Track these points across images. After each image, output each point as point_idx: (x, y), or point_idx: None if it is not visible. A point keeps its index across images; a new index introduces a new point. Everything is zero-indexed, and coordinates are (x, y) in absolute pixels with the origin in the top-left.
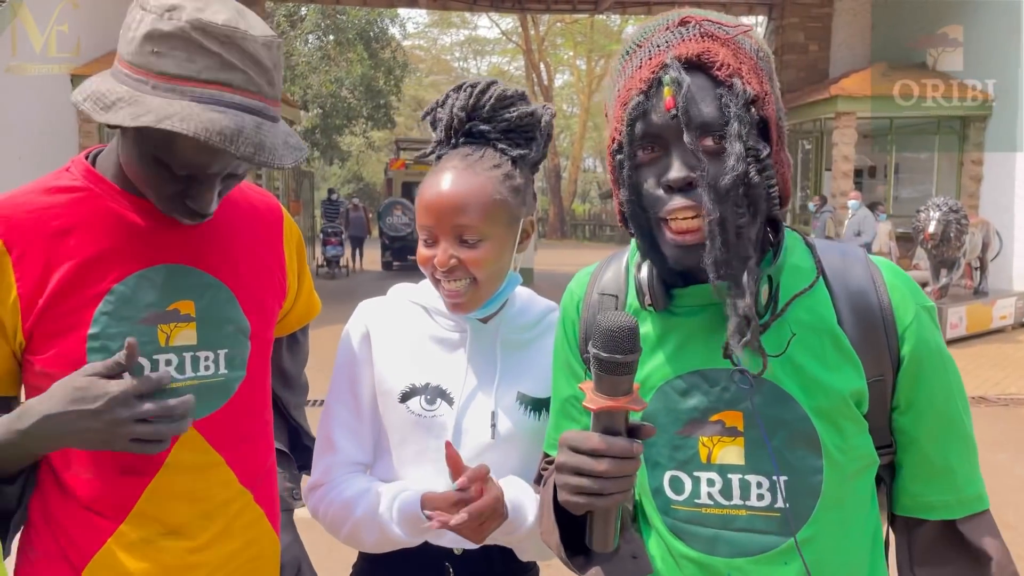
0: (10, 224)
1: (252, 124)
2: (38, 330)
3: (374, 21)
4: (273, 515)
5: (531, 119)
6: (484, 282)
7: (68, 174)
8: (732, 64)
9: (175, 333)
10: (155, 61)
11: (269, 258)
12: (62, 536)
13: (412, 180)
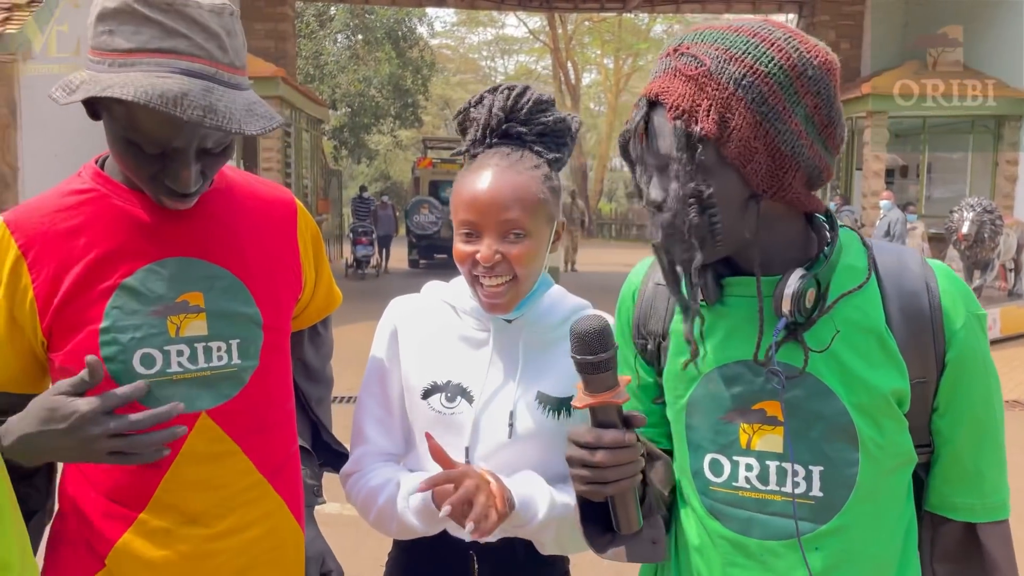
0: (25, 230)
1: (200, 88)
2: (55, 328)
3: (402, 20)
4: (295, 506)
5: (564, 125)
6: (523, 280)
7: (79, 178)
8: (685, 104)
9: (185, 324)
10: (108, 40)
11: (282, 250)
12: (86, 525)
13: (439, 179)
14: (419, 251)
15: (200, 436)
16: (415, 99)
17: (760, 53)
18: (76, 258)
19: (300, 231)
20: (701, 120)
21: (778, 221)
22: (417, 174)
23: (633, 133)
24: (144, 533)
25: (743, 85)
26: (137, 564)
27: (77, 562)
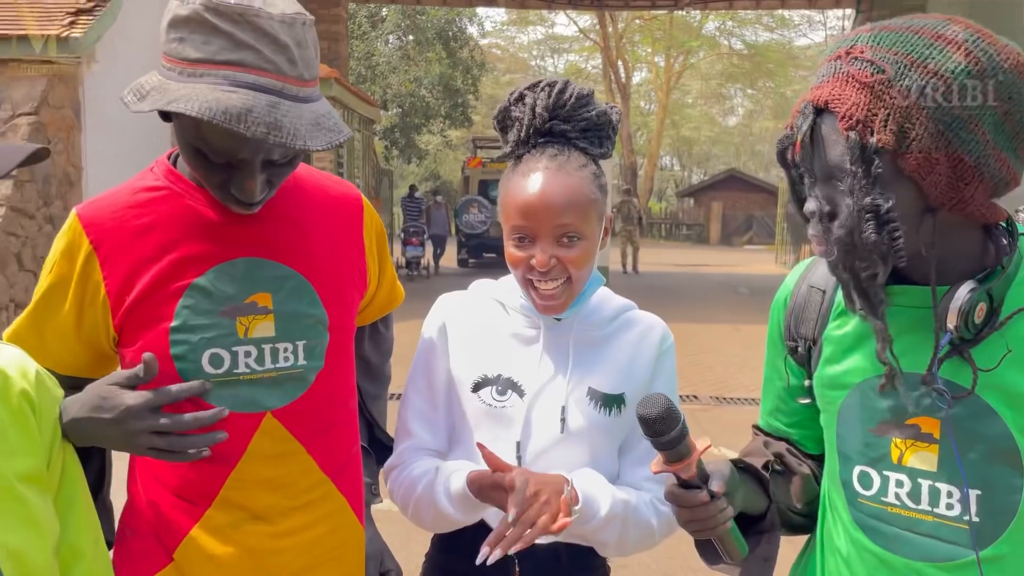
0: (97, 226)
1: (265, 103)
2: (127, 325)
3: (453, 21)
4: (357, 505)
5: (606, 118)
6: (577, 281)
7: (151, 174)
8: (860, 114)
9: (253, 325)
10: (179, 48)
11: (349, 248)
12: (155, 519)
13: (488, 178)
14: (468, 250)
15: (266, 436)
16: (465, 99)
17: (944, 57)
18: (148, 256)
19: (366, 228)
20: (878, 131)
21: (954, 232)
22: (467, 173)
23: (794, 141)
24: (210, 529)
25: (925, 94)
26: (204, 559)
27: (146, 555)
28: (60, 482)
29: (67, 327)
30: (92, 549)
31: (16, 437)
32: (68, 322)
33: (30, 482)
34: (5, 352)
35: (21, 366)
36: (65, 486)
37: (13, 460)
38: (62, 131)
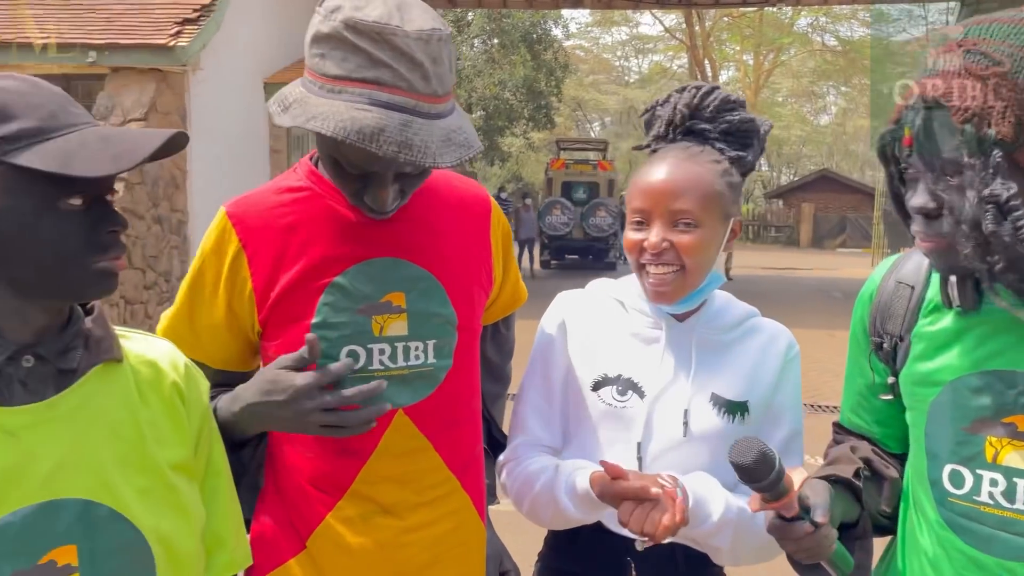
0: (245, 224)
1: (397, 122)
2: (271, 320)
3: (537, 23)
4: (479, 504)
5: (751, 125)
6: (691, 271)
7: (294, 175)
8: (976, 106)
9: (388, 324)
10: (320, 63)
11: (477, 248)
12: (290, 507)
13: (572, 180)
14: (551, 252)
15: (396, 432)
16: (548, 101)
17: None
18: (292, 254)
19: (493, 228)
20: (996, 123)
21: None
22: (550, 175)
23: (900, 137)
24: (342, 519)
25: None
26: (336, 548)
27: (281, 541)
28: (206, 471)
29: (218, 321)
30: (234, 537)
31: (167, 427)
32: (219, 316)
33: (179, 470)
34: (157, 345)
35: (172, 359)
36: (210, 476)
37: (165, 449)
38: None
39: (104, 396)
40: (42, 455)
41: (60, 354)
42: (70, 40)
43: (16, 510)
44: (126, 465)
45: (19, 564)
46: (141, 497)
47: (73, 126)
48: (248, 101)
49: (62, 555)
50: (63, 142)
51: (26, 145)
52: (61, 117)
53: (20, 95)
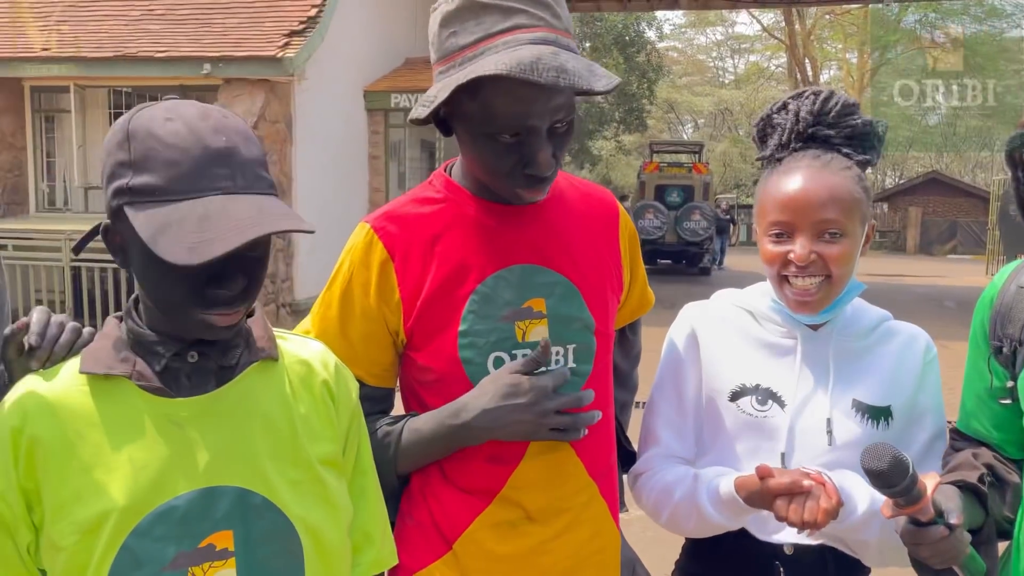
0: (390, 234)
1: (548, 52)
2: (417, 329)
3: (630, 25)
4: (615, 511)
5: (871, 128)
6: (837, 280)
7: (431, 187)
8: None
9: (530, 329)
10: (454, 41)
11: (607, 253)
12: (437, 510)
13: (665, 183)
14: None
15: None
16: (640, 103)
17: None
18: (436, 263)
19: (621, 232)
20: None
21: None
22: (643, 178)
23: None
24: (490, 525)
25: None
26: (481, 553)
27: (426, 542)
28: (354, 470)
29: (372, 331)
30: (382, 536)
31: (318, 423)
32: (372, 326)
33: (329, 465)
34: (311, 346)
35: (323, 359)
36: (358, 474)
37: (315, 444)
38: (276, 143)
39: (260, 392)
40: (203, 444)
41: (222, 352)
42: (187, 54)
43: (180, 495)
44: (279, 457)
45: (183, 546)
46: (292, 488)
47: (198, 192)
48: (349, 108)
49: (220, 540)
50: (170, 211)
51: (145, 202)
52: (190, 180)
53: (166, 147)
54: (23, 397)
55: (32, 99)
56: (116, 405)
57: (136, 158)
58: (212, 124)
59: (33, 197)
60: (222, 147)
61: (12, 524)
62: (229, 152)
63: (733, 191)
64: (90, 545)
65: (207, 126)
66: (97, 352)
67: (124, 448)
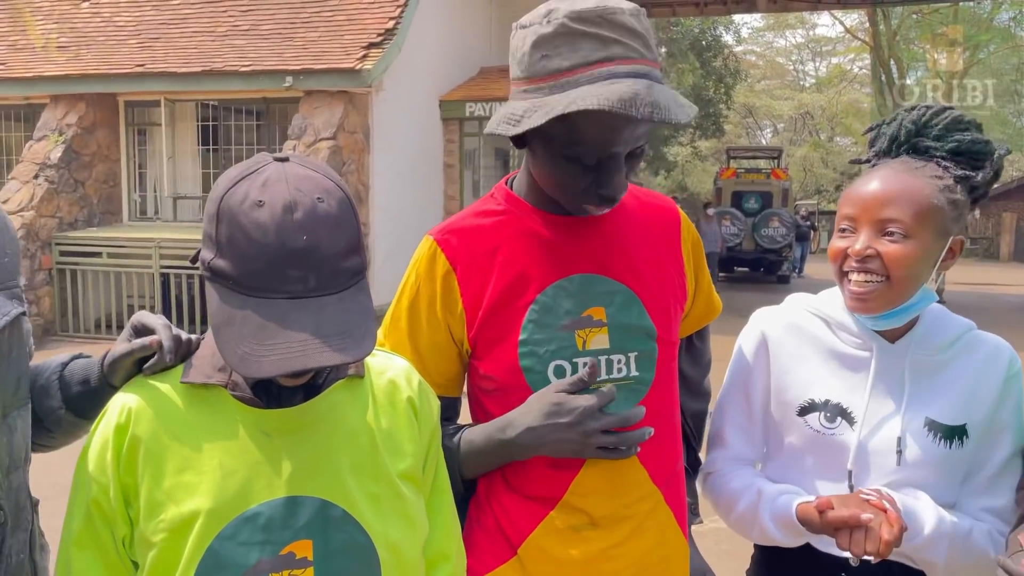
0: (453, 248)
1: (644, 86)
2: (480, 338)
3: (707, 30)
4: (681, 519)
5: (985, 147)
6: (896, 283)
7: (492, 199)
8: None
9: (590, 338)
10: (546, 64)
11: (669, 261)
12: (502, 516)
13: (743, 189)
14: (720, 263)
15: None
16: (717, 109)
17: None
18: (497, 274)
19: (683, 240)
20: None
21: None
22: (719, 184)
23: None
24: (553, 530)
25: None
26: (545, 558)
27: (492, 548)
28: (432, 487)
29: (440, 341)
30: (457, 554)
31: (401, 439)
32: (440, 337)
33: (408, 480)
34: (396, 362)
35: (408, 376)
36: (436, 491)
37: (396, 460)
38: (355, 153)
39: (345, 406)
40: (289, 455)
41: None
42: (269, 68)
43: (265, 502)
44: (360, 472)
45: (264, 553)
46: (372, 503)
47: (270, 292)
48: (425, 118)
49: (300, 548)
50: (239, 304)
51: (220, 284)
52: (262, 279)
53: (248, 241)
54: (129, 400)
55: (126, 114)
56: (211, 412)
57: (220, 239)
58: (299, 219)
59: (126, 207)
60: (302, 247)
61: (111, 517)
62: (308, 252)
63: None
64: (179, 544)
65: (293, 221)
66: (199, 361)
67: (216, 453)
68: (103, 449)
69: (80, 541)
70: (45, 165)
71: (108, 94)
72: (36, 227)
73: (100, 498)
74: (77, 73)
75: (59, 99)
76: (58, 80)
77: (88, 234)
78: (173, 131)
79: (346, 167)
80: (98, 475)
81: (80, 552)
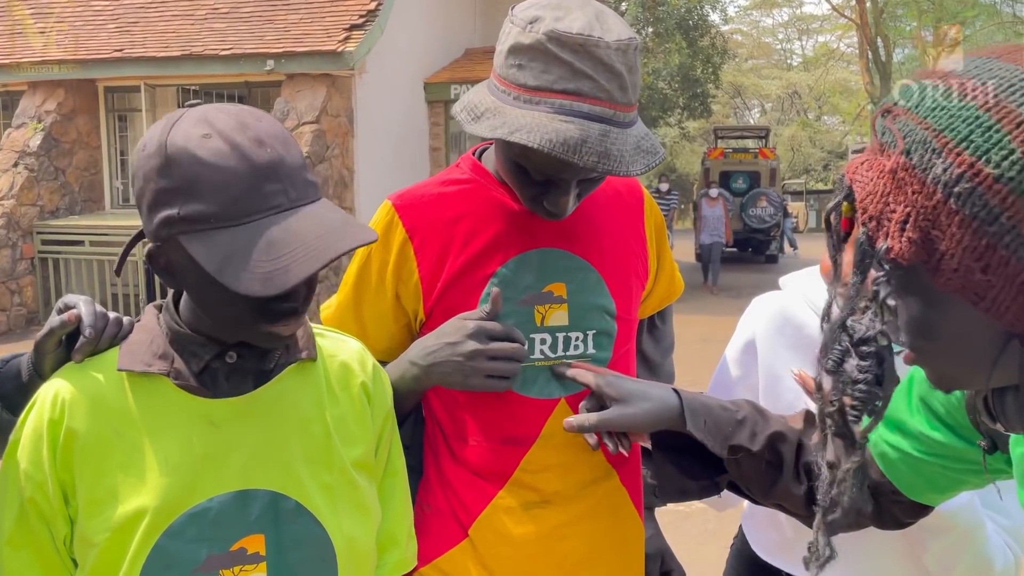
0: (411, 214)
1: (598, 132)
2: (436, 310)
3: (694, 9)
4: (637, 499)
5: None
6: None
7: (458, 169)
8: (873, 207)
9: (549, 314)
10: (517, 74)
11: (632, 239)
12: (452, 496)
13: (730, 169)
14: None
15: (557, 421)
16: (704, 88)
17: (989, 143)
18: (457, 245)
19: (647, 218)
20: (891, 234)
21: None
22: (707, 164)
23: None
24: (504, 509)
25: (955, 193)
26: (497, 537)
27: (443, 530)
28: (384, 471)
29: (385, 311)
30: (407, 538)
31: (353, 425)
32: (386, 306)
33: (361, 468)
34: (349, 345)
35: (361, 359)
36: (388, 475)
37: (349, 447)
38: (338, 137)
39: (297, 393)
40: (238, 446)
41: (261, 354)
42: (250, 51)
43: (213, 496)
44: (313, 461)
45: (214, 549)
46: (325, 493)
47: (255, 214)
48: (409, 101)
49: (252, 543)
50: (230, 238)
51: (200, 230)
52: (244, 203)
53: (213, 170)
54: (62, 390)
55: (106, 99)
56: (153, 403)
57: (182, 185)
58: (252, 135)
59: (108, 194)
60: (268, 160)
61: (50, 515)
62: (276, 164)
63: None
64: (123, 543)
65: (248, 138)
66: (135, 348)
67: (160, 447)
68: (37, 443)
69: (13, 541)
70: (24, 153)
71: (87, 80)
72: (17, 216)
73: (36, 496)
74: (55, 59)
75: (37, 86)
76: (36, 66)
77: (70, 222)
78: (154, 116)
79: (330, 151)
80: (33, 472)
81: (15, 552)
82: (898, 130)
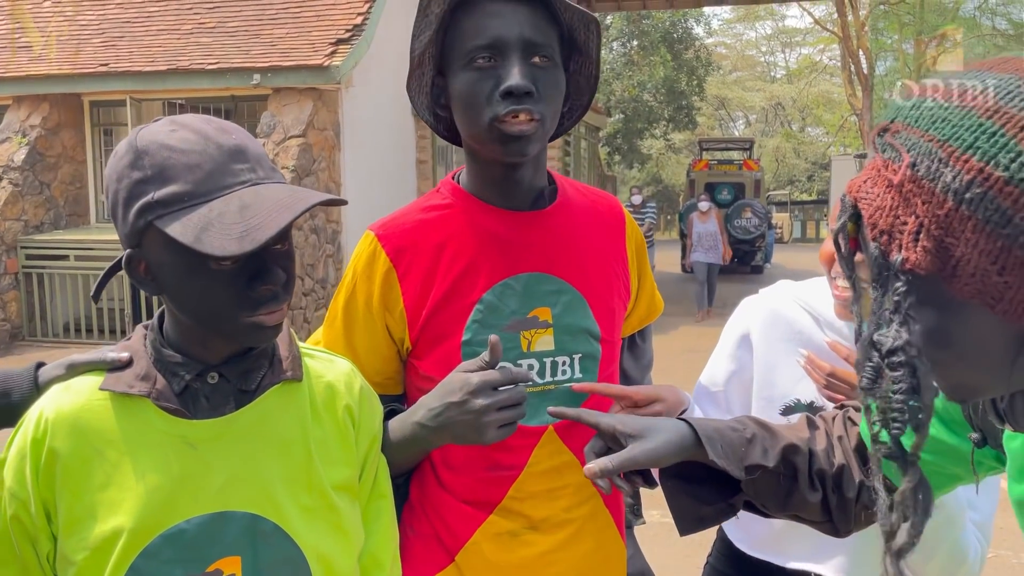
0: (393, 244)
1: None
2: (422, 338)
3: (678, 22)
4: (619, 523)
5: None
6: None
7: (438, 194)
8: (884, 221)
9: (535, 339)
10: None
11: (614, 261)
12: (438, 522)
13: (716, 180)
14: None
15: (544, 448)
16: (689, 101)
17: (996, 147)
18: (441, 271)
19: (628, 239)
20: (905, 246)
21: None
22: (692, 176)
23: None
24: (491, 536)
25: (967, 199)
26: (484, 564)
27: (428, 555)
28: (370, 494)
29: (377, 342)
30: (391, 562)
31: (336, 448)
32: (376, 337)
33: (343, 491)
34: (337, 366)
35: (348, 381)
36: (374, 498)
37: (331, 469)
38: (325, 150)
39: (279, 414)
40: (217, 468)
41: (242, 375)
42: (236, 65)
43: (190, 518)
44: (292, 483)
45: (190, 570)
46: (304, 515)
47: (226, 188)
48: (396, 114)
49: (228, 565)
50: (206, 211)
51: (176, 210)
52: (216, 179)
53: (183, 154)
54: (46, 410)
55: (91, 114)
56: (134, 424)
57: (154, 172)
58: (216, 126)
59: (93, 208)
60: (234, 144)
61: (34, 533)
62: (242, 147)
63: (786, 187)
64: (100, 563)
65: (212, 128)
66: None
67: (139, 468)
68: (20, 463)
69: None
70: (9, 167)
71: (72, 94)
72: (1, 230)
73: (20, 514)
74: (40, 73)
75: (22, 100)
76: (20, 81)
77: (55, 237)
78: None
79: (316, 164)
80: (17, 490)
81: (0, 570)
82: (901, 144)
